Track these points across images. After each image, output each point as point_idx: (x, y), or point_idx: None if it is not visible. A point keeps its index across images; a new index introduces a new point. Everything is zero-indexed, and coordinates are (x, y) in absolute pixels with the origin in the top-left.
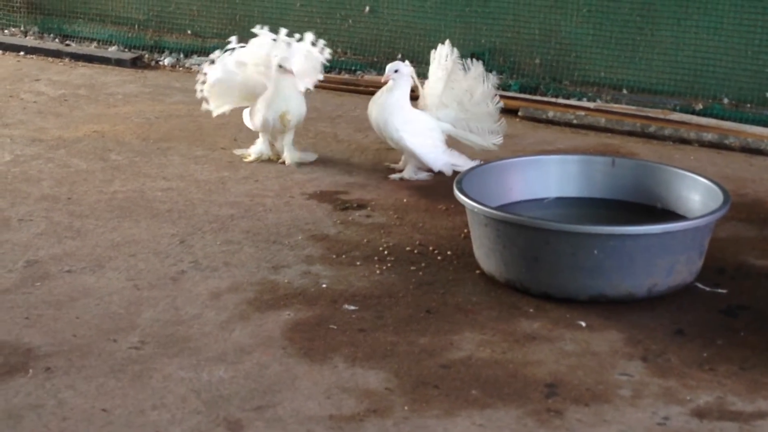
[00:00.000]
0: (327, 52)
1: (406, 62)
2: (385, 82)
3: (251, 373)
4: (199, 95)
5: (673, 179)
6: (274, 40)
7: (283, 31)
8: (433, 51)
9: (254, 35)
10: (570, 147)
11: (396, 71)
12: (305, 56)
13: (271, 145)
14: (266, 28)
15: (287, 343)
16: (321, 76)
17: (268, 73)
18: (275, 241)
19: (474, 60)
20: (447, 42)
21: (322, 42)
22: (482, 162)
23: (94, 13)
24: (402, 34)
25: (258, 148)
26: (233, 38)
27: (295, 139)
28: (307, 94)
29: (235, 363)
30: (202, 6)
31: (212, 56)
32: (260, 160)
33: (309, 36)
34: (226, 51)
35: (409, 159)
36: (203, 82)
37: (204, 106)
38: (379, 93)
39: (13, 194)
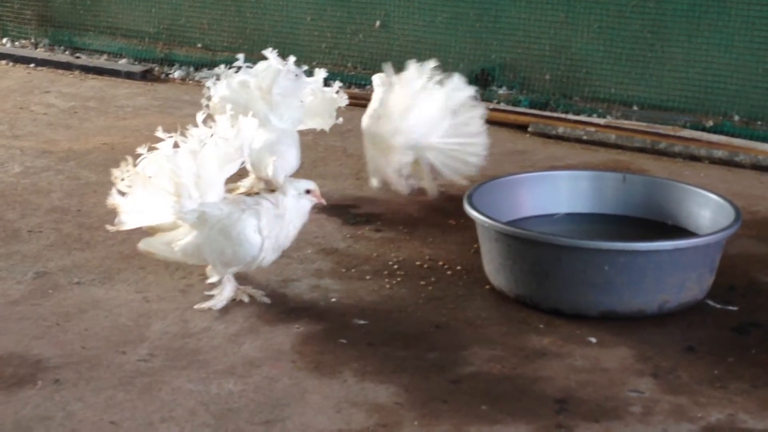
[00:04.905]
0: (345, 98)
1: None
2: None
3: (260, 387)
4: (204, 112)
5: (684, 196)
6: (282, 67)
7: (292, 59)
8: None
9: (263, 56)
10: (580, 163)
11: None
12: (315, 93)
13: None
14: (275, 53)
15: (297, 357)
16: (338, 120)
17: (268, 99)
18: (284, 255)
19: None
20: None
21: (338, 84)
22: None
23: (104, 26)
24: (412, 48)
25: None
26: (240, 56)
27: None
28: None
29: (244, 376)
30: (212, 20)
31: (217, 70)
32: None
33: (321, 73)
34: (231, 68)
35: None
36: (209, 98)
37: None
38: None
39: (22, 206)
